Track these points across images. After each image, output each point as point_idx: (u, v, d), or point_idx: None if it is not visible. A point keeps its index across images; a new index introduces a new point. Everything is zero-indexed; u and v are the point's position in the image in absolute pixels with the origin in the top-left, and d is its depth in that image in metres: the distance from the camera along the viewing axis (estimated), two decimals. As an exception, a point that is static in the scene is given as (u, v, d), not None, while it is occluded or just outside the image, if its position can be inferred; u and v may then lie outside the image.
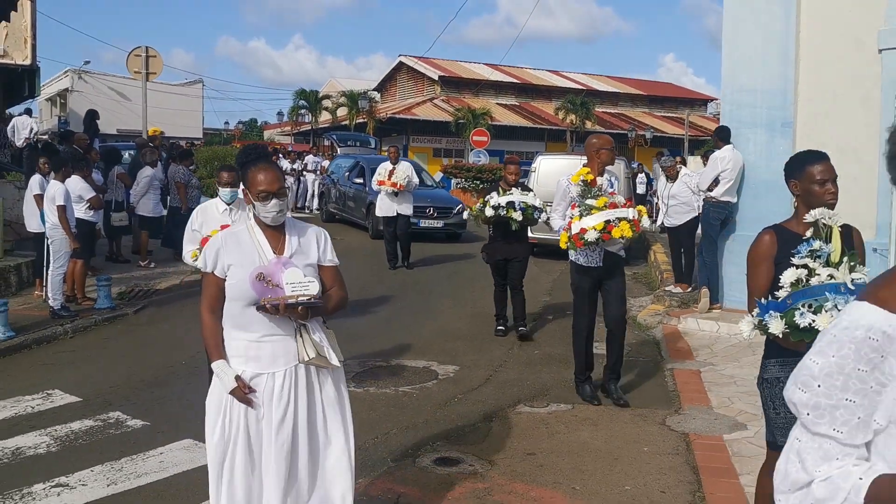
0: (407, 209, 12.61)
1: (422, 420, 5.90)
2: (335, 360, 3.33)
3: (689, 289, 9.85)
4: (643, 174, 24.34)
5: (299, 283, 3.18)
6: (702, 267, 9.33)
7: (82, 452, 5.36)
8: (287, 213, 3.38)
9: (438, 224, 15.82)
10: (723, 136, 9.19)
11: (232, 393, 3.21)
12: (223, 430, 3.28)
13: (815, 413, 1.50)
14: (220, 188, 5.76)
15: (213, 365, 3.28)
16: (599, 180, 6.16)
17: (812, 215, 3.28)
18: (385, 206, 12.61)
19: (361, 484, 4.56)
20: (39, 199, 9.50)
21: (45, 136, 29.05)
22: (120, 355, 7.95)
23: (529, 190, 8.64)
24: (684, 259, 10.12)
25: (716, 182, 9.05)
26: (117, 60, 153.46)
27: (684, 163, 10.25)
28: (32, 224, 10.04)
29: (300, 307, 3.16)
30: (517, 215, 8.15)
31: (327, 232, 3.52)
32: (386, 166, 12.61)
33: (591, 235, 5.81)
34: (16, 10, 13.94)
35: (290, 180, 22.37)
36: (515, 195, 8.25)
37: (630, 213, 5.99)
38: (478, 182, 26.71)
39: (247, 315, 3.21)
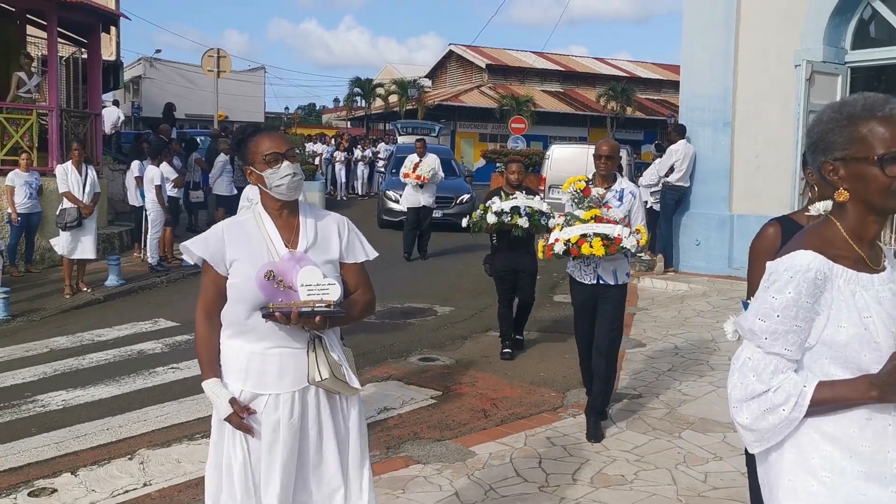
0: (430, 202, 13.14)
1: (417, 338, 8.34)
2: (355, 383, 2.81)
3: (654, 256, 12.06)
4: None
5: (317, 286, 2.67)
6: (659, 238, 11.51)
7: (185, 352, 7.92)
8: (302, 190, 2.85)
9: (437, 214, 14.77)
10: (680, 131, 11.35)
11: (227, 419, 2.70)
12: (218, 457, 2.80)
13: (773, 337, 1.89)
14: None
15: (204, 384, 2.77)
16: (596, 191, 5.57)
17: (816, 208, 3.01)
18: (410, 198, 13.10)
19: (367, 370, 6.99)
20: (139, 180, 12.20)
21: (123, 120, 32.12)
22: (203, 298, 10.56)
23: (535, 193, 7.71)
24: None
25: (671, 169, 11.23)
26: (174, 43, 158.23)
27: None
28: (132, 199, 12.76)
29: (317, 316, 2.64)
30: (523, 221, 7.29)
31: (350, 221, 2.96)
32: (412, 159, 13.04)
33: (559, 248, 5.40)
34: (116, 26, 16.64)
35: (361, 167, 24.87)
36: (520, 199, 7.39)
37: (616, 230, 5.30)
38: (515, 166, 28.97)
39: (251, 321, 2.71)
